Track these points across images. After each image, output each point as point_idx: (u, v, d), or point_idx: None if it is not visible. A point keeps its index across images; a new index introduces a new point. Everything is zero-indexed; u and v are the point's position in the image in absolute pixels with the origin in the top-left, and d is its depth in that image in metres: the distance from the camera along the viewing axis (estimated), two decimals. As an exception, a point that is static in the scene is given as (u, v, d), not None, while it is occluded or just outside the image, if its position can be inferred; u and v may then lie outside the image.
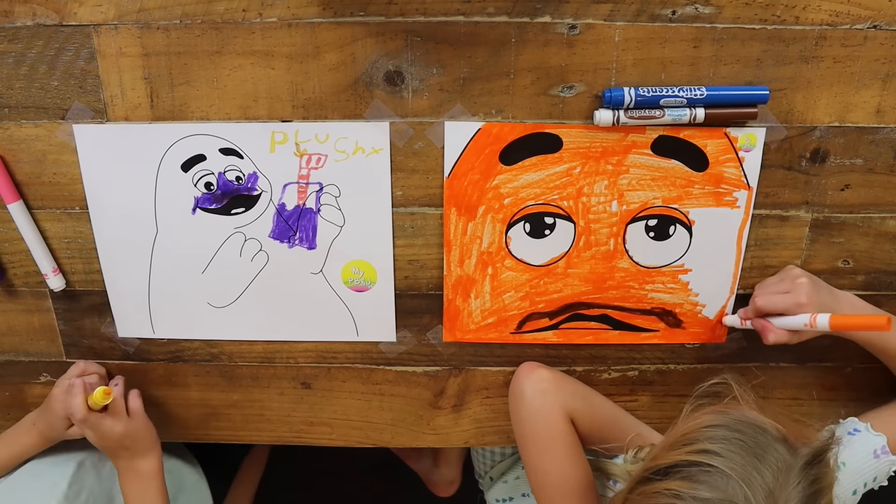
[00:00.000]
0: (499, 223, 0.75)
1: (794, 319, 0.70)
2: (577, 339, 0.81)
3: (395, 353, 0.82)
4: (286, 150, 0.73)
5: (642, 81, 0.70)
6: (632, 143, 0.72)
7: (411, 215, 0.76)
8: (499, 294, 0.79)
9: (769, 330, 0.71)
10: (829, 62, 0.70)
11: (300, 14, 0.68)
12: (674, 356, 0.82)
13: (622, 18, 0.68)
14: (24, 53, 0.70)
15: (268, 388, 0.84)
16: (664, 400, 0.84)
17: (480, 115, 0.72)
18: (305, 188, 0.74)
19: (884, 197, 0.75)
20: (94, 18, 0.68)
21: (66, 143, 0.73)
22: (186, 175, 0.74)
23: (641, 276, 0.78)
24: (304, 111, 0.72)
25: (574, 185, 0.74)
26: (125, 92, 0.71)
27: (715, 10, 0.68)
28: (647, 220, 0.75)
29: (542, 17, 0.68)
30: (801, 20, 0.68)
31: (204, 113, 0.72)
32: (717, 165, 0.73)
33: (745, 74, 0.70)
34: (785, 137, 0.73)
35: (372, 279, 0.78)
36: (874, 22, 0.68)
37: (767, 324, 0.72)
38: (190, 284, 0.78)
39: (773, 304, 0.72)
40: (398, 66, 0.70)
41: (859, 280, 0.79)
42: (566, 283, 0.78)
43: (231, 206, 0.75)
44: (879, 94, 0.71)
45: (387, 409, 0.85)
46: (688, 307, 0.79)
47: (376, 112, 0.71)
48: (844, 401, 0.84)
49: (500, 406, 0.85)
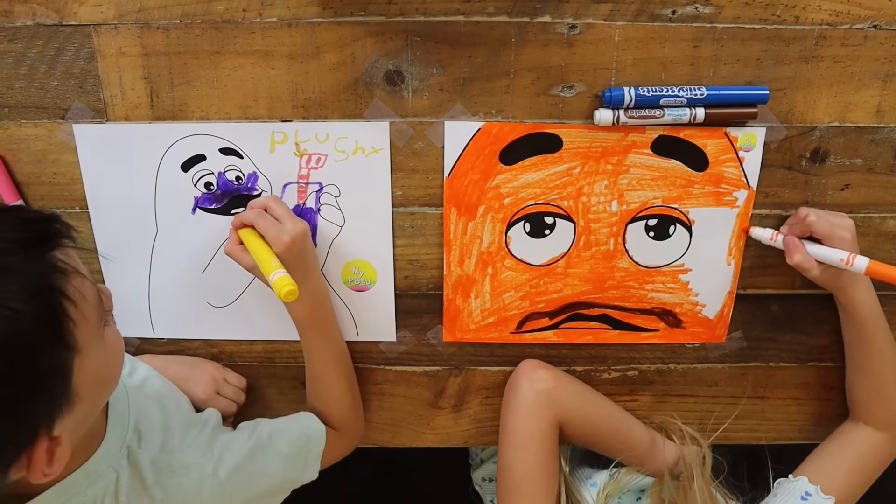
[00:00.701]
0: (499, 223, 0.75)
1: (832, 252, 0.69)
2: (577, 338, 0.81)
3: (395, 352, 0.82)
4: (286, 149, 0.73)
5: (642, 81, 0.70)
6: (632, 143, 0.72)
7: (411, 215, 0.76)
8: (499, 294, 0.79)
9: (799, 250, 0.70)
10: (829, 62, 0.70)
11: (300, 14, 0.68)
12: (674, 356, 0.82)
13: (622, 18, 0.68)
14: (24, 53, 0.70)
15: (268, 388, 0.84)
16: (664, 400, 0.84)
17: (480, 115, 0.72)
18: (305, 188, 0.74)
19: (884, 197, 0.75)
20: (94, 18, 0.68)
21: (66, 143, 0.73)
22: (186, 175, 0.74)
23: (641, 276, 0.78)
24: (304, 111, 0.72)
25: (574, 185, 0.74)
26: (125, 92, 0.71)
27: (715, 10, 0.68)
28: (647, 220, 0.75)
29: (542, 17, 0.68)
30: (801, 20, 0.68)
31: (204, 113, 0.72)
32: (717, 165, 0.73)
33: (745, 74, 0.70)
34: (785, 137, 0.73)
35: (372, 279, 0.78)
36: (874, 22, 0.68)
37: (800, 243, 0.71)
38: (190, 284, 0.78)
39: (823, 227, 0.70)
40: (398, 66, 0.70)
41: (859, 280, 0.79)
42: (566, 282, 0.78)
43: (231, 205, 0.75)
44: (879, 94, 0.71)
45: (387, 409, 0.85)
46: (688, 307, 0.79)
47: (376, 112, 0.71)
48: (845, 401, 0.84)
49: (499, 406, 0.85)
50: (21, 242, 0.48)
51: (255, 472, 0.66)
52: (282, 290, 0.60)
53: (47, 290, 0.48)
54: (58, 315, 0.48)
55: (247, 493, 0.66)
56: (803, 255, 0.70)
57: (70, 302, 0.48)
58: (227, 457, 0.65)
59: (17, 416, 0.46)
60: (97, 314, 0.52)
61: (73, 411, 0.50)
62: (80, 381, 0.49)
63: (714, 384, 0.84)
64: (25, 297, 0.46)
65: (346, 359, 0.78)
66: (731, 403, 0.84)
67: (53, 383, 0.48)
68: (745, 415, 0.85)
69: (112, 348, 0.55)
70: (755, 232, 0.75)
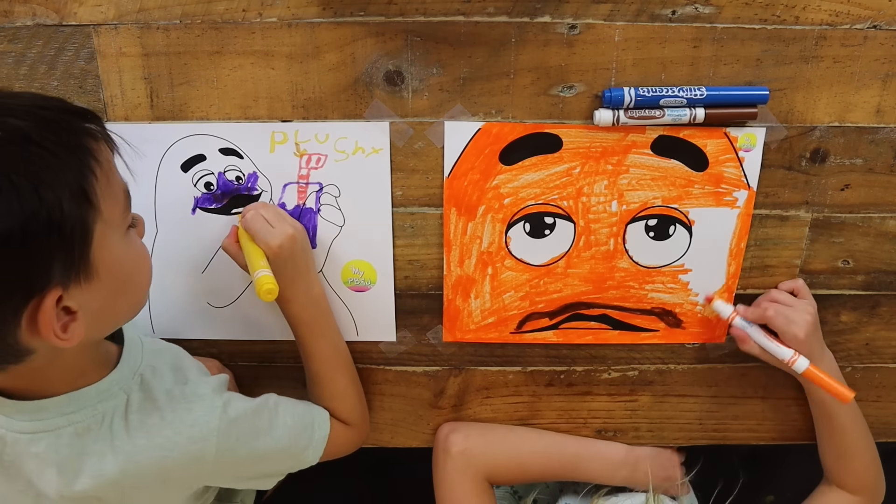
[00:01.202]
0: (499, 223, 0.75)
1: (778, 349, 0.73)
2: (577, 339, 0.81)
3: (395, 353, 0.82)
4: (286, 150, 0.73)
5: (642, 81, 0.70)
6: (632, 143, 0.72)
7: (411, 215, 0.76)
8: (499, 294, 0.79)
9: (746, 342, 0.75)
10: (829, 62, 0.70)
11: (300, 14, 0.68)
12: (674, 356, 0.82)
13: (622, 18, 0.68)
14: (24, 53, 0.70)
15: (268, 388, 0.84)
16: (664, 400, 0.84)
17: (480, 115, 0.72)
18: (305, 188, 0.74)
19: (884, 197, 0.75)
20: (94, 18, 0.68)
21: (66, 143, 0.73)
22: (186, 175, 0.74)
23: (641, 276, 0.78)
24: (304, 111, 0.72)
25: (574, 185, 0.74)
26: (125, 92, 0.71)
27: (715, 10, 0.68)
28: (647, 220, 0.75)
29: (542, 17, 0.68)
30: (801, 20, 0.68)
31: (204, 113, 0.72)
32: (716, 165, 0.73)
33: (745, 74, 0.70)
34: (785, 137, 0.73)
35: (372, 279, 0.78)
36: (874, 22, 0.68)
37: (746, 336, 0.75)
38: (190, 284, 0.78)
39: (780, 324, 0.73)
40: (398, 66, 0.70)
41: (859, 280, 0.79)
42: (566, 282, 0.78)
43: (231, 205, 0.75)
44: (879, 94, 0.71)
45: (387, 409, 0.85)
46: (688, 307, 0.79)
47: (376, 112, 0.71)
48: (844, 401, 0.84)
49: (500, 406, 0.85)
50: (63, 110, 0.52)
51: (261, 427, 0.67)
52: (261, 289, 0.65)
53: (75, 141, 0.50)
54: (82, 165, 0.50)
55: (251, 447, 0.66)
56: (750, 346, 0.75)
57: (96, 161, 0.51)
58: (236, 402, 0.66)
59: (33, 246, 0.47)
60: (124, 200, 0.55)
61: (91, 286, 0.51)
62: (101, 255, 0.52)
63: (714, 384, 0.84)
64: (52, 136, 0.48)
65: (346, 357, 0.78)
66: (732, 403, 0.84)
67: (73, 233, 0.49)
68: (745, 415, 0.85)
69: (138, 251, 0.59)
70: (717, 304, 0.77)
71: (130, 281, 0.57)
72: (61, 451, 0.57)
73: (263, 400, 0.70)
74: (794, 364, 0.72)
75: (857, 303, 0.80)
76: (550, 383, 0.84)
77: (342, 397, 0.76)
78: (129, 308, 0.60)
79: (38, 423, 0.57)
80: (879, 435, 0.86)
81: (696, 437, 0.87)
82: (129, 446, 0.59)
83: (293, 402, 0.73)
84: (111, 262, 0.53)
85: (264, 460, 0.69)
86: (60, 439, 0.57)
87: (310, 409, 0.74)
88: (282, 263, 0.69)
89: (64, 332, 0.50)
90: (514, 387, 0.84)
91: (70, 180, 0.49)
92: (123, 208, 0.55)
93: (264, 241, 0.69)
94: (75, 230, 0.49)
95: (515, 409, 0.85)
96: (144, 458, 0.60)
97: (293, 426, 0.70)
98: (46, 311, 0.48)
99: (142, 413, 0.61)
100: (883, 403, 0.85)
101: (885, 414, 0.85)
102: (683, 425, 0.86)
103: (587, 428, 0.86)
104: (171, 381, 0.65)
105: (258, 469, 0.70)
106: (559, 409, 0.85)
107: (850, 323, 0.81)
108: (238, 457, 0.66)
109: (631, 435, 0.86)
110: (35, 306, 0.48)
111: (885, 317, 0.80)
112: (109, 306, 0.55)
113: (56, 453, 0.57)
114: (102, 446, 0.59)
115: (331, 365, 0.76)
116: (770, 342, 0.73)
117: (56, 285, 0.49)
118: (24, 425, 0.56)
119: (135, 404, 0.61)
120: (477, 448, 0.81)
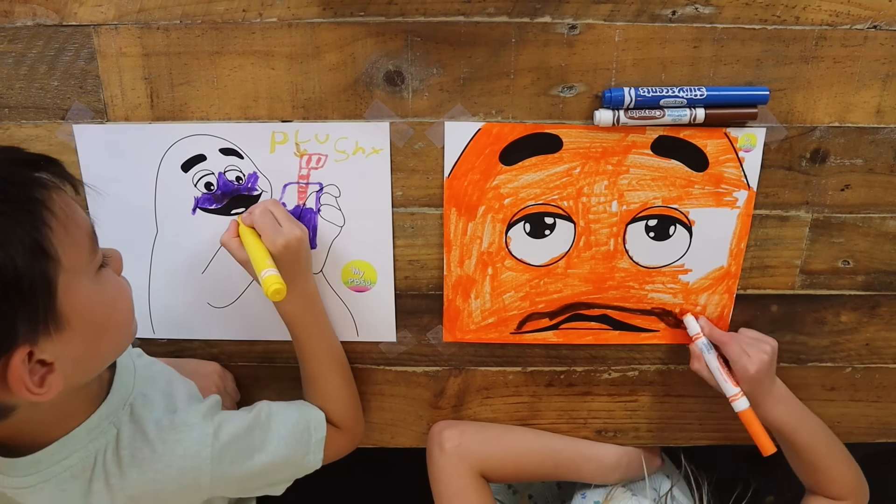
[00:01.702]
0: (499, 223, 0.75)
1: (725, 382, 0.74)
2: (577, 339, 0.81)
3: (395, 353, 0.82)
4: (286, 150, 0.73)
5: (642, 81, 0.70)
6: (632, 144, 0.72)
7: (411, 215, 0.76)
8: (499, 294, 0.79)
9: (699, 361, 0.76)
10: (829, 62, 0.70)
11: (300, 14, 0.68)
12: (674, 356, 0.82)
13: (622, 18, 0.68)
14: (24, 53, 0.70)
15: (267, 388, 0.84)
16: (664, 400, 0.84)
17: (480, 116, 0.72)
18: (305, 188, 0.74)
19: (884, 197, 0.75)
20: (94, 18, 0.68)
21: (67, 144, 0.73)
22: (186, 175, 0.74)
23: (641, 276, 0.78)
24: (304, 111, 0.72)
25: (574, 186, 0.74)
26: (125, 92, 0.71)
27: (715, 10, 0.68)
28: (647, 220, 0.75)
29: (542, 17, 0.68)
30: (801, 20, 0.68)
31: (204, 113, 0.72)
32: (717, 165, 0.73)
33: (745, 74, 0.70)
34: (785, 137, 0.73)
35: (372, 279, 0.78)
36: (874, 22, 0.68)
37: (700, 355, 0.76)
38: (190, 285, 0.78)
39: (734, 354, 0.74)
40: (398, 66, 0.70)
41: (859, 280, 0.79)
42: (566, 283, 0.78)
43: (231, 206, 0.75)
44: (879, 94, 0.71)
45: (387, 409, 0.85)
46: (688, 307, 0.79)
47: (376, 112, 0.71)
48: (845, 401, 0.84)
49: (500, 406, 0.85)
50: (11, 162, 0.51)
51: (254, 445, 0.67)
52: (269, 289, 0.64)
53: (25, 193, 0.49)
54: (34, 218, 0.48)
55: (247, 466, 0.66)
56: (700, 367, 0.76)
57: (49, 212, 0.49)
58: (227, 425, 0.66)
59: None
60: (89, 243, 0.53)
61: (64, 336, 0.50)
62: (70, 304, 0.50)
63: (714, 384, 0.84)
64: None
65: (341, 358, 0.78)
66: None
67: (32, 288, 0.47)
68: (745, 415, 0.85)
69: (114, 290, 0.57)
70: (687, 319, 0.78)
71: (108, 322, 0.56)
72: (63, 496, 0.58)
73: (255, 413, 0.69)
74: (734, 402, 0.74)
75: (857, 303, 0.80)
76: (550, 383, 0.84)
77: (335, 399, 0.76)
78: (113, 349, 0.59)
79: (35, 476, 0.56)
80: (879, 435, 0.86)
81: (696, 437, 0.87)
82: (123, 482, 0.60)
83: (286, 409, 0.72)
84: (82, 308, 0.51)
85: (264, 474, 0.69)
86: (60, 485, 0.57)
87: (304, 413, 0.73)
88: (285, 263, 0.68)
89: (41, 386, 0.49)
90: (514, 387, 0.84)
91: (22, 236, 0.47)
92: (89, 251, 0.53)
93: (271, 238, 0.68)
94: (35, 285, 0.48)
95: (515, 409, 0.85)
96: (139, 491, 0.60)
97: (288, 435, 0.70)
98: (15, 369, 0.47)
99: (132, 447, 0.60)
100: (883, 404, 0.85)
101: (885, 414, 0.85)
102: (684, 425, 0.86)
103: (587, 428, 0.86)
104: (161, 409, 0.64)
105: (260, 482, 0.70)
106: (559, 409, 0.85)
107: (850, 323, 0.81)
108: (236, 477, 0.66)
109: (631, 435, 0.86)
110: (3, 366, 0.47)
111: (885, 317, 0.80)
112: (90, 351, 0.54)
113: (59, 500, 0.58)
114: (99, 485, 0.59)
115: (325, 366, 0.76)
116: (720, 373, 0.74)
117: (23, 343, 0.48)
118: (21, 481, 0.56)
119: (125, 438, 0.60)
120: (472, 444, 0.81)
